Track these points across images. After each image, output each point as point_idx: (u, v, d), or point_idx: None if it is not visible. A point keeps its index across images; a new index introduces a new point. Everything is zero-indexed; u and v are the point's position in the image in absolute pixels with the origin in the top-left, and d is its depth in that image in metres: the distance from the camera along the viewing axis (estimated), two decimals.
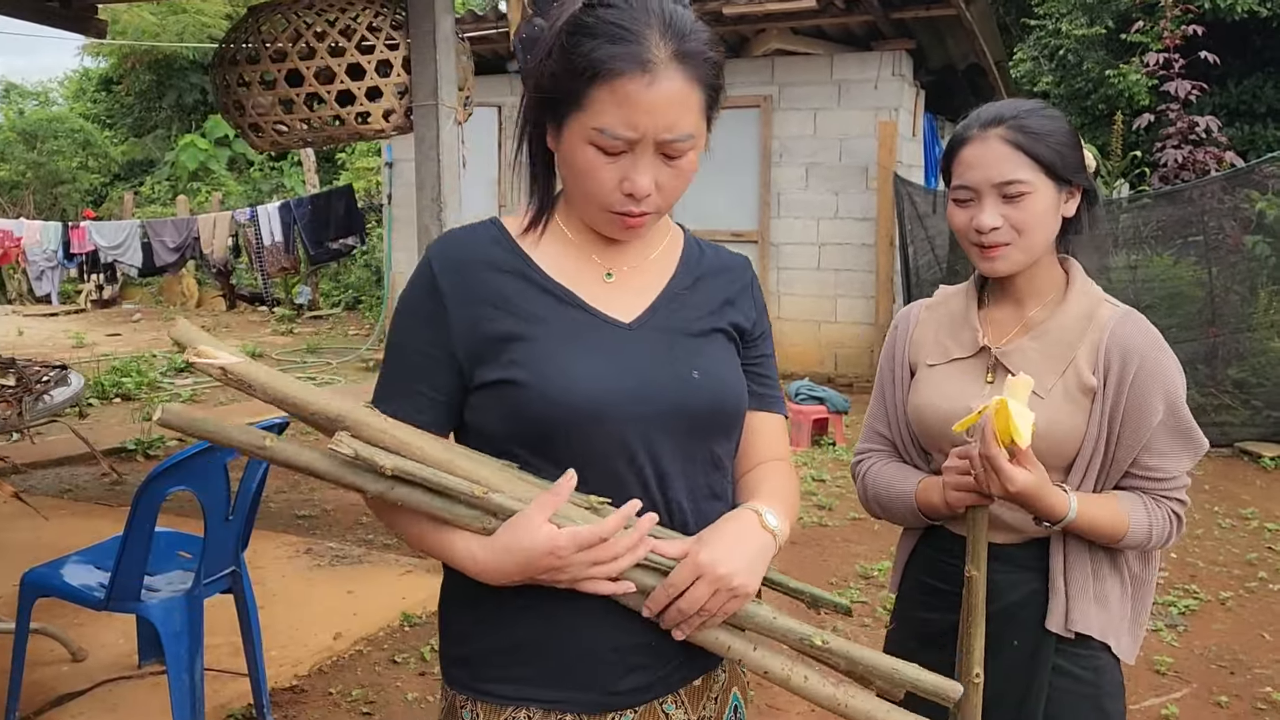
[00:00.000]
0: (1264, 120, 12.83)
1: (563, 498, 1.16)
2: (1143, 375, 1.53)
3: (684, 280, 1.34)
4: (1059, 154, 1.53)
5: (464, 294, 1.25)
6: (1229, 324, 6.81)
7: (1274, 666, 3.63)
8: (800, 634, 1.20)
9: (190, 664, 2.73)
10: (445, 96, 3.99)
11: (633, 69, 1.14)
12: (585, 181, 1.21)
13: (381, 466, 1.14)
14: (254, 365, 1.14)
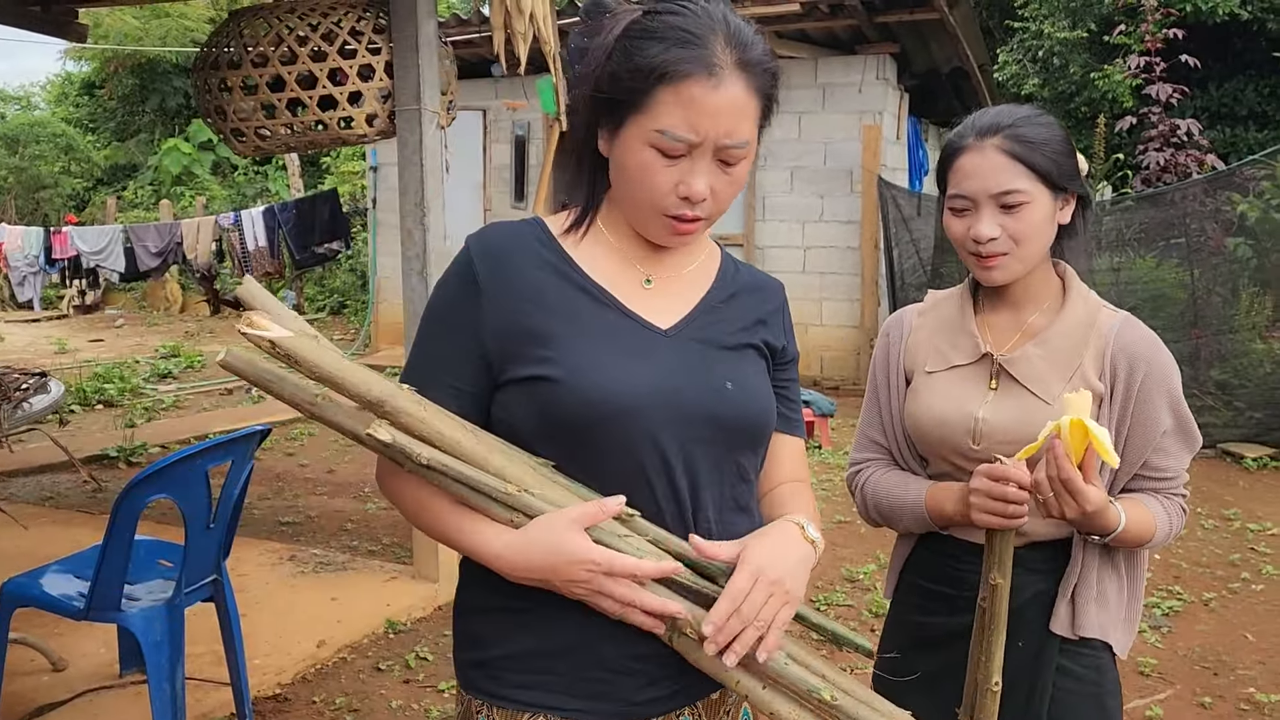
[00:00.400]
0: (1245, 123, 12.92)
1: (607, 515, 1.16)
2: (1149, 383, 1.55)
3: (720, 294, 1.35)
4: (1055, 162, 1.53)
5: (501, 287, 1.25)
6: (1211, 326, 6.85)
7: (1257, 667, 3.64)
8: (808, 686, 1.16)
9: (171, 673, 2.71)
10: (428, 101, 3.97)
11: (699, 72, 1.16)
12: (640, 184, 1.21)
13: (417, 455, 1.14)
14: (303, 341, 1.14)
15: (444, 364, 1.26)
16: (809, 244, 9.22)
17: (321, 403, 1.17)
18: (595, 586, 1.15)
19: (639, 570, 1.14)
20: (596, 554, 1.14)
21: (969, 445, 1.57)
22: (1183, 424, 1.58)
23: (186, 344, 12.08)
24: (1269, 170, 6.76)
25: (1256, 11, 11.84)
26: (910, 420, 1.66)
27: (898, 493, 1.67)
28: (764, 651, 1.15)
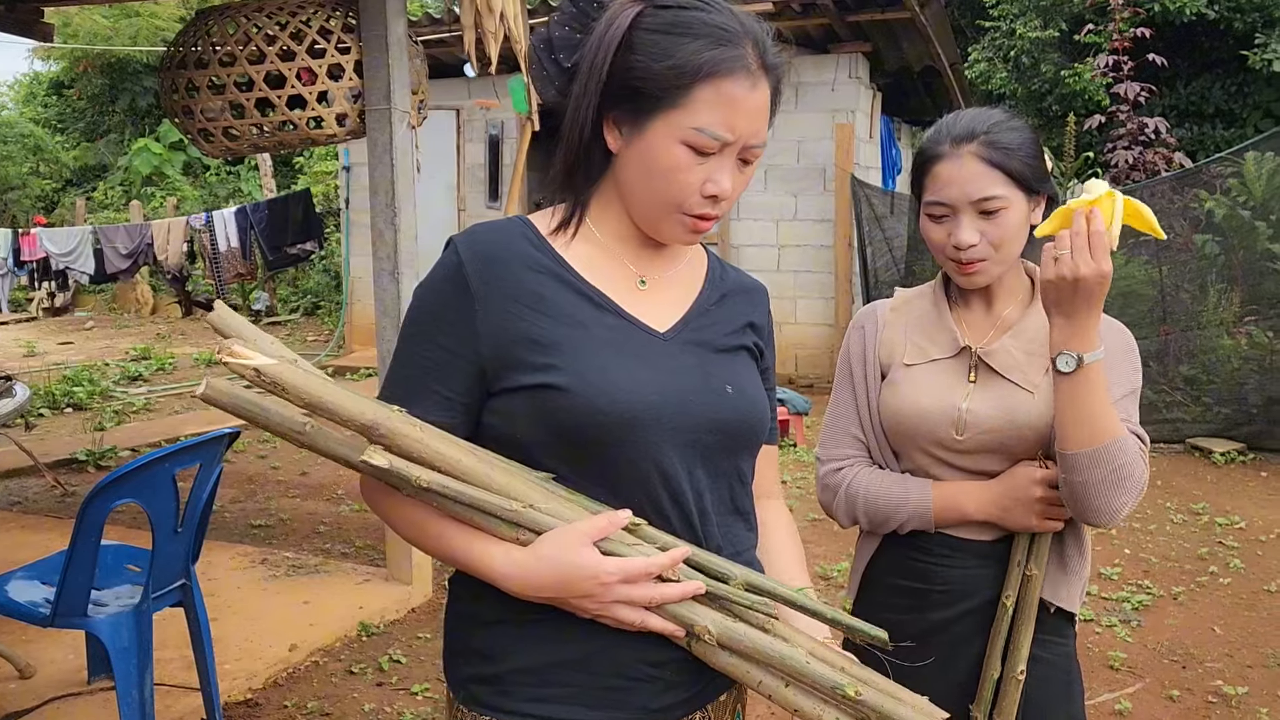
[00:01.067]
0: (1212, 121, 13.08)
1: (616, 528, 1.14)
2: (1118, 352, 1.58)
3: (712, 295, 1.33)
4: (1029, 166, 1.56)
5: (495, 291, 1.20)
6: (1180, 322, 6.93)
7: (1224, 660, 3.69)
8: (832, 682, 1.13)
9: (140, 680, 2.68)
10: (398, 100, 3.95)
11: (740, 72, 1.17)
12: (665, 181, 1.19)
13: (416, 479, 1.11)
14: (289, 368, 1.10)
15: (433, 372, 1.21)
16: (783, 243, 9.25)
17: (311, 431, 1.14)
18: (613, 597, 1.13)
19: (654, 567, 1.13)
20: (610, 564, 1.12)
21: (953, 436, 1.59)
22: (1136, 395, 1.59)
23: (157, 346, 11.97)
24: (1235, 168, 6.85)
25: (1223, 11, 11.98)
26: (889, 413, 1.66)
27: (897, 492, 1.63)
28: None
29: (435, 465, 1.12)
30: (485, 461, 1.16)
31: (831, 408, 1.78)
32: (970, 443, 1.58)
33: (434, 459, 1.12)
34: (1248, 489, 5.88)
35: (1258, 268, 6.73)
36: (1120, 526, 5.20)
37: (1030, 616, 1.53)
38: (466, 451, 1.15)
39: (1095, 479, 1.46)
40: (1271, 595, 4.28)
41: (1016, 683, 1.52)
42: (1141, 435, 1.56)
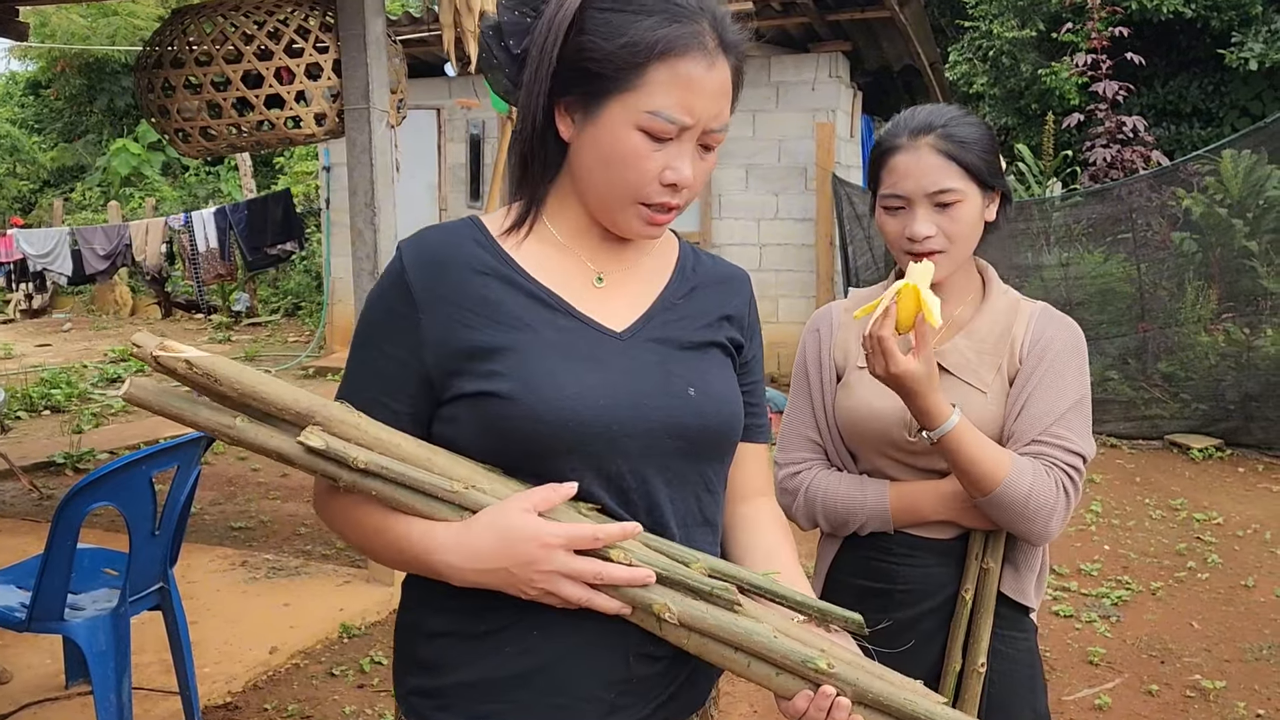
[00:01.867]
0: (1189, 120, 13.17)
1: (560, 499, 1.09)
2: (1064, 355, 1.59)
3: (679, 288, 1.26)
4: (985, 161, 1.57)
5: (439, 297, 1.15)
6: (1158, 319, 6.98)
7: (1202, 654, 3.72)
8: (802, 656, 1.09)
9: (117, 684, 2.66)
10: (377, 100, 3.94)
11: (696, 50, 1.10)
12: (622, 169, 1.13)
13: (354, 459, 1.07)
14: (220, 359, 1.08)
15: (380, 383, 1.17)
16: (765, 241, 9.27)
17: (241, 424, 1.10)
18: (556, 564, 1.06)
19: (602, 534, 1.07)
20: (554, 527, 1.06)
21: (905, 438, 1.59)
22: (1085, 403, 1.58)
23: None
24: (1212, 166, 6.90)
25: (1200, 9, 12.06)
26: (844, 415, 1.66)
27: (854, 494, 1.64)
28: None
29: (373, 448, 1.10)
30: (428, 448, 1.13)
31: (788, 411, 1.77)
32: (923, 443, 1.57)
33: (373, 444, 1.09)
34: (1225, 485, 5.93)
35: (1235, 265, 6.78)
36: (1099, 523, 5.23)
37: (989, 609, 1.54)
38: (407, 437, 1.13)
39: (1005, 519, 1.52)
40: (1249, 590, 4.32)
41: (978, 675, 1.53)
42: (1079, 451, 1.55)
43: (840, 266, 9.01)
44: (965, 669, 1.56)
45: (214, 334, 13.48)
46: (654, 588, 1.09)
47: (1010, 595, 1.60)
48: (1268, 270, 6.58)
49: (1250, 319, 6.67)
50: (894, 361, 1.43)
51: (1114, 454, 6.59)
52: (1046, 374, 1.57)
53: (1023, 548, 1.61)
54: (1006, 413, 1.57)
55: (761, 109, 9.13)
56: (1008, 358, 1.60)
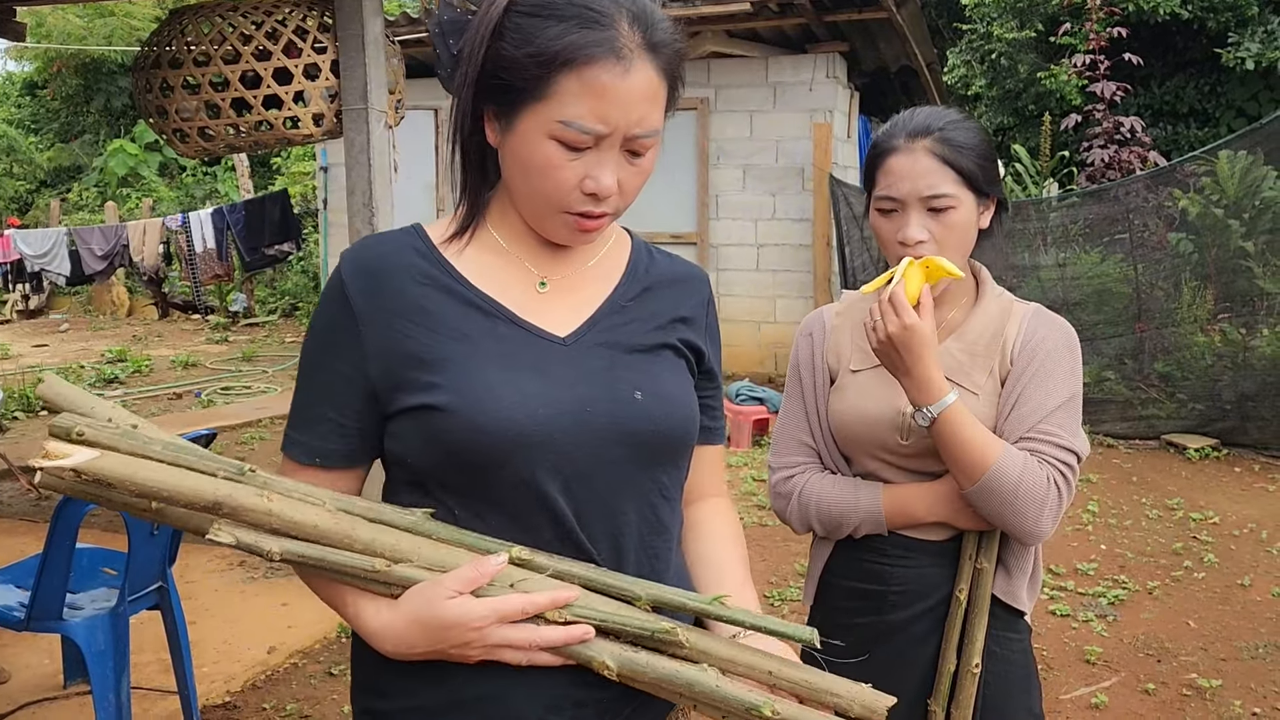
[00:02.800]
0: (1186, 120, 13.20)
1: (487, 578, 1.05)
2: (1056, 354, 1.58)
3: (629, 290, 1.22)
4: (980, 167, 1.56)
5: (378, 307, 1.13)
6: (1154, 319, 6.99)
7: (1199, 653, 3.72)
8: (747, 704, 1.06)
9: (116, 683, 2.67)
10: (375, 100, 3.94)
11: (606, 57, 1.04)
12: (541, 180, 1.10)
13: (268, 552, 1.05)
14: (110, 460, 1.02)
15: (325, 398, 1.15)
16: (762, 242, 9.27)
17: (159, 508, 1.07)
18: (491, 641, 1.04)
19: (531, 606, 1.04)
20: (480, 610, 1.03)
21: (898, 441, 1.59)
22: (1075, 402, 1.58)
23: (134, 348, 11.87)
24: (1209, 167, 6.91)
25: (1197, 11, 12.09)
26: (836, 419, 1.66)
27: (848, 497, 1.63)
28: None
29: (290, 532, 1.06)
30: (348, 518, 1.08)
31: (781, 415, 1.77)
32: (916, 446, 1.57)
33: (285, 527, 1.06)
34: (1222, 485, 5.94)
35: (1231, 265, 6.79)
36: (1096, 523, 5.24)
37: (983, 610, 1.53)
38: (326, 511, 1.08)
39: (992, 509, 1.51)
40: (1245, 589, 4.33)
41: (972, 676, 1.52)
42: (1071, 447, 1.54)
43: (837, 267, 9.02)
44: (960, 669, 1.55)
45: (211, 335, 13.48)
46: (594, 642, 1.07)
47: (1002, 598, 1.60)
48: (1264, 271, 6.59)
49: (1246, 319, 6.68)
50: (906, 313, 1.45)
51: (1111, 454, 6.60)
52: (1037, 373, 1.57)
53: (1014, 550, 1.61)
54: (998, 412, 1.57)
55: (759, 109, 9.14)
56: (999, 359, 1.60)
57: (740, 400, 7.05)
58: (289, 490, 1.09)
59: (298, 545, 1.06)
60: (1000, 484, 1.48)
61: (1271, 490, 5.80)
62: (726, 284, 9.37)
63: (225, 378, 10.05)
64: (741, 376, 8.52)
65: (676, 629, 1.07)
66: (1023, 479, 1.49)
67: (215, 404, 8.69)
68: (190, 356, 11.13)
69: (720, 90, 9.24)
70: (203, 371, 10.53)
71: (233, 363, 11.07)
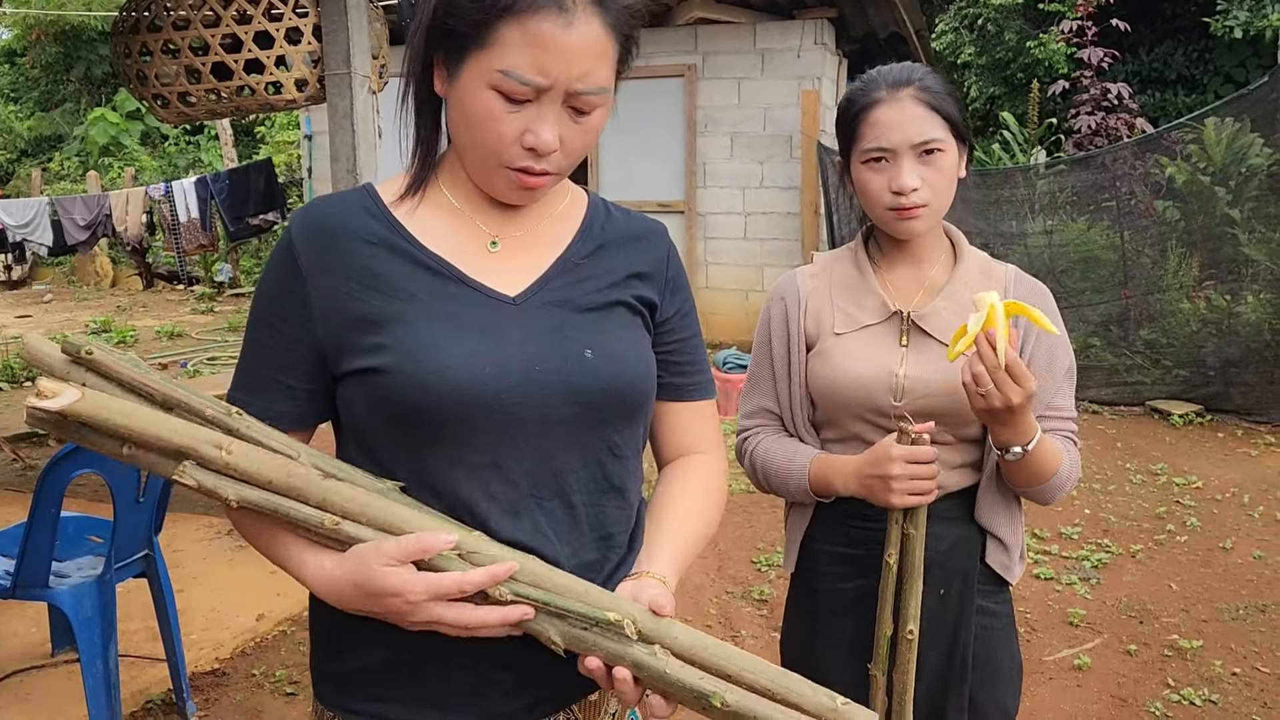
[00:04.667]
0: (1174, 87, 13.18)
1: (429, 553, 1.02)
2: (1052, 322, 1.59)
3: (582, 248, 1.20)
4: (959, 114, 1.57)
5: (326, 269, 1.11)
6: (1141, 286, 7.02)
7: (1180, 615, 3.77)
8: (698, 690, 1.04)
9: (104, 650, 2.67)
10: (358, 65, 3.90)
11: (549, 6, 1.02)
12: (481, 131, 1.08)
13: (226, 498, 1.06)
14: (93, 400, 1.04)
15: (273, 360, 1.13)
16: (750, 210, 9.25)
17: (129, 452, 1.08)
18: (424, 616, 1.02)
19: (467, 584, 1.02)
20: (416, 584, 1.01)
21: (890, 403, 1.58)
22: (1073, 366, 1.65)
23: (118, 319, 11.81)
24: (1195, 134, 6.91)
25: None
26: (821, 382, 1.63)
27: (783, 463, 1.64)
28: None
29: (249, 480, 1.07)
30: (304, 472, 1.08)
31: (748, 381, 1.76)
32: (908, 407, 1.57)
33: (245, 474, 1.07)
34: (1205, 450, 5.99)
35: (1217, 233, 6.81)
36: (1080, 487, 5.28)
37: (915, 576, 1.47)
38: (284, 464, 1.08)
39: (1033, 494, 1.60)
40: (1226, 552, 4.37)
41: (908, 642, 1.47)
42: (1074, 416, 1.63)
43: (825, 235, 9.01)
44: (898, 634, 1.50)
45: (196, 305, 13.40)
46: (539, 618, 1.05)
47: (1000, 572, 1.64)
48: (1249, 238, 6.61)
49: (1231, 286, 6.71)
50: (1027, 380, 1.38)
51: (1095, 420, 6.64)
52: (1037, 346, 1.59)
53: (1005, 525, 1.63)
54: None
55: (747, 76, 9.08)
56: None
57: (728, 368, 7.05)
58: (268, 437, 1.09)
59: (254, 493, 1.06)
60: (1061, 481, 1.57)
61: (1254, 455, 5.85)
62: (714, 252, 9.35)
63: (211, 348, 10.00)
64: (729, 345, 8.52)
65: (624, 620, 1.04)
66: (1072, 468, 1.59)
67: (201, 374, 8.66)
68: (175, 327, 11.07)
69: (707, 57, 9.17)
70: (188, 342, 10.48)
71: (219, 333, 11.02)
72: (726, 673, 1.06)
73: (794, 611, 1.77)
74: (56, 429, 1.06)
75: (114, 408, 1.05)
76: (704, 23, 9.05)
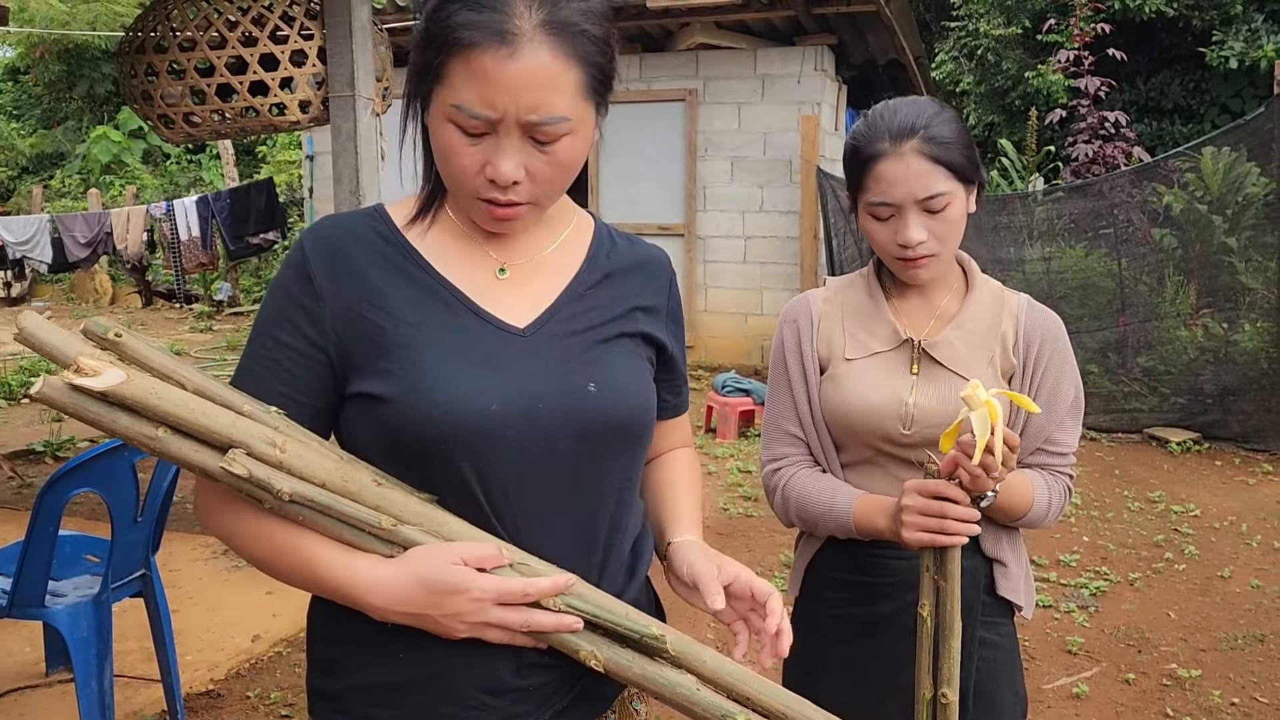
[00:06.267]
0: (1171, 116, 13.26)
1: (491, 562, 1.04)
2: (1057, 357, 1.61)
3: (590, 277, 1.20)
4: (967, 157, 1.55)
5: (339, 286, 1.11)
6: (1138, 314, 7.04)
7: (1179, 644, 3.76)
8: (722, 711, 1.08)
9: (99, 671, 2.65)
10: (362, 88, 3.93)
11: (488, 40, 1.01)
12: (446, 165, 1.09)
13: (278, 490, 1.02)
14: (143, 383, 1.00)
15: (280, 373, 1.11)
16: (749, 234, 9.28)
17: (164, 436, 1.03)
18: (484, 618, 1.04)
19: (533, 589, 1.05)
20: (483, 583, 1.03)
21: (899, 431, 1.58)
22: (1079, 398, 1.66)
23: None
24: (1193, 162, 6.95)
25: (1182, 9, 12.14)
26: (834, 408, 1.63)
27: (825, 500, 1.62)
28: None
29: (301, 475, 1.05)
30: (358, 474, 1.07)
31: (768, 406, 1.75)
32: (917, 436, 1.57)
33: (300, 473, 1.04)
34: (1203, 477, 5.99)
35: (1214, 261, 6.84)
36: (1079, 515, 5.28)
37: (952, 633, 1.40)
38: (336, 462, 1.06)
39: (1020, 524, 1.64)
40: (1224, 581, 4.37)
41: (944, 707, 1.40)
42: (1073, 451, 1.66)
43: (824, 259, 9.04)
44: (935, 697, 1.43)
45: (195, 323, 13.41)
46: (581, 633, 1.08)
47: (1007, 597, 1.64)
48: (1246, 266, 6.64)
49: (1229, 314, 6.74)
50: (1002, 472, 1.38)
51: (1094, 447, 6.65)
52: (1044, 378, 1.60)
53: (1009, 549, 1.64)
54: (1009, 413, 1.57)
55: (747, 101, 9.14)
56: (1000, 351, 1.60)
57: (726, 392, 7.06)
58: (309, 437, 1.08)
59: (309, 489, 1.04)
60: (1035, 518, 1.61)
61: (1252, 483, 5.85)
62: (713, 276, 9.38)
63: (210, 366, 10.00)
64: (728, 368, 8.53)
65: (665, 635, 1.09)
66: (1051, 504, 1.62)
67: None
68: (174, 345, 11.07)
69: (708, 82, 9.23)
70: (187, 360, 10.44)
71: (218, 351, 11.02)
72: (745, 695, 1.10)
73: (797, 637, 1.76)
74: (79, 411, 1.01)
75: (164, 394, 1.01)
76: (705, 48, 9.12)
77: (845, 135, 9.71)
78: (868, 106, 7.22)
